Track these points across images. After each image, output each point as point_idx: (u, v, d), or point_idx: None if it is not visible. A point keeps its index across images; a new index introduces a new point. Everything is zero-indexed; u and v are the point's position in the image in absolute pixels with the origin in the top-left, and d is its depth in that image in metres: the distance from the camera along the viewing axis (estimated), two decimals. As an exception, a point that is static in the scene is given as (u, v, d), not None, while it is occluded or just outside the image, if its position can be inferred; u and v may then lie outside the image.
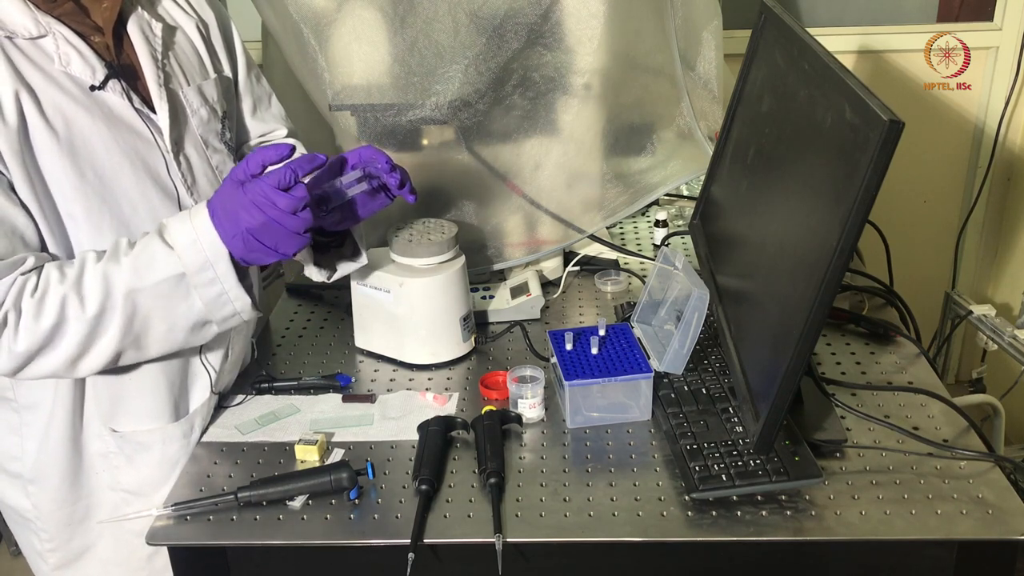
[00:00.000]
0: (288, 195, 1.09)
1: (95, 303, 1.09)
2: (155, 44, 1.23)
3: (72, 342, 1.10)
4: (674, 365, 1.32)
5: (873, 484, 1.16)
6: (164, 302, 1.12)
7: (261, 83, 1.48)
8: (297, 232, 1.11)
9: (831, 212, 1.01)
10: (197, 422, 1.31)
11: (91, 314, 1.09)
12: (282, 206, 1.09)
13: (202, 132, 1.27)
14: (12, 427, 1.25)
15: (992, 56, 2.49)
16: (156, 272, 1.11)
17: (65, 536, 1.30)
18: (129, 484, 1.28)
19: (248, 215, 1.09)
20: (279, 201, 1.09)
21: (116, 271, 1.10)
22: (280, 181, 1.09)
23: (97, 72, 1.15)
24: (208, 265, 1.12)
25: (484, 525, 1.12)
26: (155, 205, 1.20)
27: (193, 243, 1.11)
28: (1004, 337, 2.10)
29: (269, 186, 1.09)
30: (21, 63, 1.10)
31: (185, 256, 1.11)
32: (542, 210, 1.63)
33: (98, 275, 1.10)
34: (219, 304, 1.15)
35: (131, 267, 1.10)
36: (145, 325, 1.13)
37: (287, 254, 1.14)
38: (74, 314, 1.09)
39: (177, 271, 1.11)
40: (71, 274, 1.10)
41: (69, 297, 1.09)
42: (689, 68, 1.76)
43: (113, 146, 1.15)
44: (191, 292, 1.13)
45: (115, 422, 1.25)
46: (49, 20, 1.12)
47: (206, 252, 1.11)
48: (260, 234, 1.10)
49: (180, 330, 1.15)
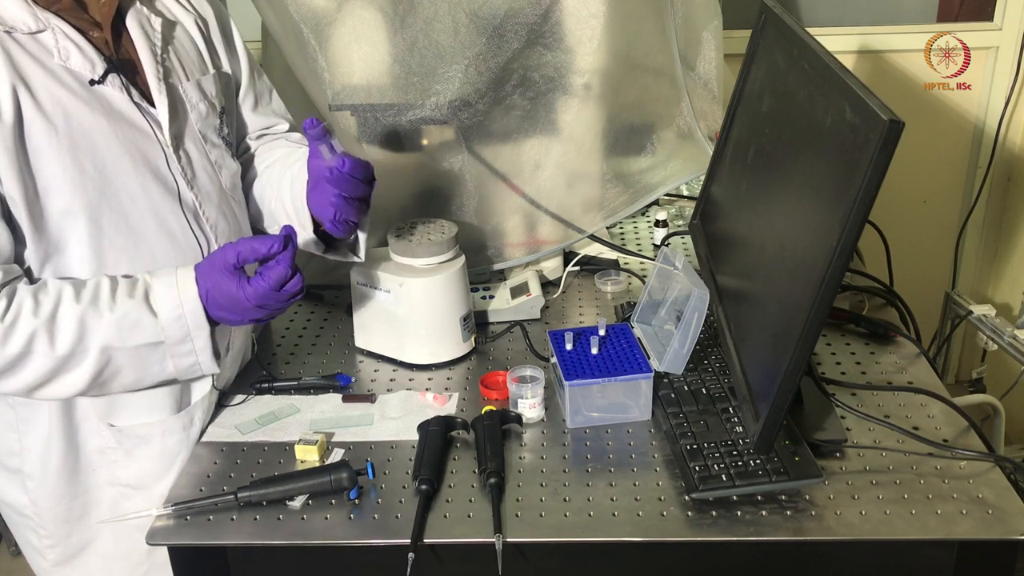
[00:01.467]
0: (286, 292, 1.15)
1: (66, 344, 1.11)
2: (154, 39, 1.23)
3: (35, 374, 1.11)
4: (674, 365, 1.32)
5: (873, 484, 1.16)
6: (139, 362, 1.15)
7: (262, 79, 1.48)
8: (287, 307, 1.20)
9: (831, 212, 1.01)
10: (197, 416, 1.32)
11: (60, 354, 1.11)
12: (284, 302, 1.17)
13: (201, 127, 1.28)
14: (10, 423, 1.25)
15: (992, 56, 2.49)
16: (137, 336, 1.13)
17: (64, 532, 1.30)
18: (128, 478, 1.28)
19: (254, 315, 1.17)
20: (281, 300, 1.17)
21: (95, 322, 1.12)
22: (281, 280, 1.14)
23: (96, 66, 1.15)
24: (188, 339, 1.16)
25: (484, 525, 1.12)
26: (155, 199, 1.20)
27: (178, 318, 1.14)
28: (1004, 337, 2.10)
29: (272, 290, 1.14)
30: (20, 58, 1.10)
31: (168, 328, 1.14)
32: (542, 210, 1.63)
33: (74, 319, 1.11)
34: (190, 371, 1.19)
35: (114, 325, 1.12)
36: (114, 375, 1.15)
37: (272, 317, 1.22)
38: (42, 349, 1.10)
39: (157, 339, 1.14)
40: (45, 307, 1.10)
41: (39, 332, 1.09)
42: (689, 68, 1.76)
43: (113, 140, 1.16)
44: (166, 358, 1.16)
45: (113, 417, 1.26)
46: (48, 15, 1.13)
47: (189, 328, 1.15)
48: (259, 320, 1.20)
49: (146, 383, 1.19)
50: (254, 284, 1.13)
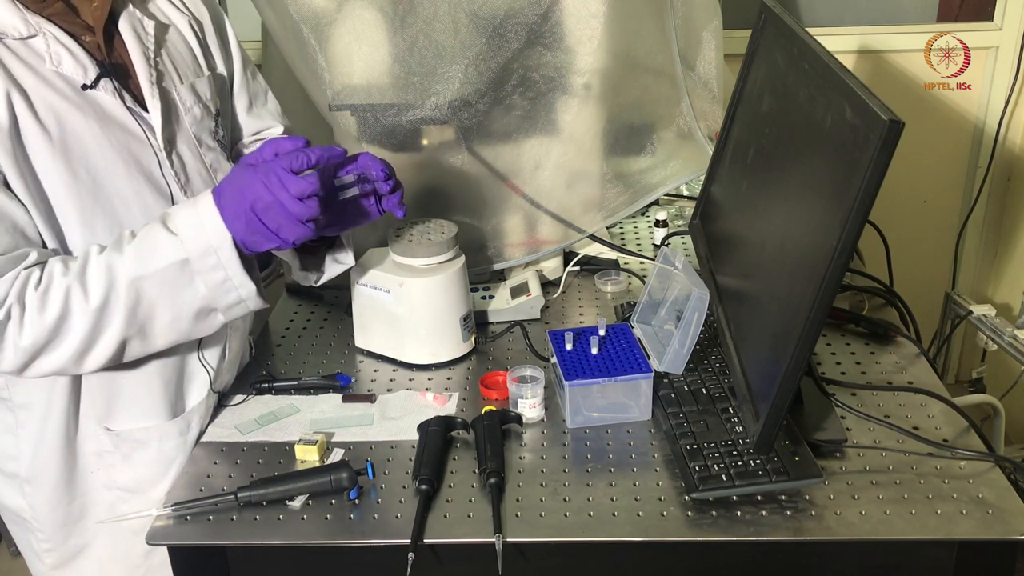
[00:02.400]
0: (299, 179, 1.09)
1: (99, 294, 1.09)
2: (147, 42, 1.23)
3: (78, 336, 1.10)
4: (674, 365, 1.32)
5: (873, 484, 1.16)
6: (168, 289, 1.12)
7: (257, 80, 1.48)
8: (300, 219, 1.11)
9: (831, 212, 1.01)
10: (194, 420, 1.31)
11: (95, 305, 1.09)
12: (291, 190, 1.09)
13: (195, 130, 1.27)
14: (8, 427, 1.25)
15: (992, 56, 2.49)
16: (159, 259, 1.10)
17: (62, 536, 1.30)
18: (125, 482, 1.28)
19: (254, 192, 1.09)
20: (289, 184, 1.09)
21: (119, 261, 1.10)
22: (293, 164, 1.09)
23: (89, 71, 1.14)
24: (211, 250, 1.11)
25: (484, 525, 1.12)
26: (148, 204, 1.20)
27: (196, 228, 1.10)
28: (1004, 337, 2.10)
29: (281, 168, 1.09)
30: (12, 63, 1.09)
31: (188, 242, 1.10)
32: (542, 210, 1.63)
33: (102, 266, 1.10)
34: (223, 291, 1.14)
35: (134, 255, 1.10)
36: (150, 314, 1.12)
37: (287, 241, 1.13)
38: (78, 306, 1.09)
39: (180, 257, 1.11)
40: (75, 267, 1.10)
41: (73, 289, 1.08)
42: (689, 68, 1.76)
43: (106, 145, 1.15)
44: (195, 278, 1.12)
45: (110, 421, 1.25)
46: (39, 20, 1.12)
47: (209, 237, 1.11)
48: (263, 214, 1.10)
49: (185, 318, 1.15)
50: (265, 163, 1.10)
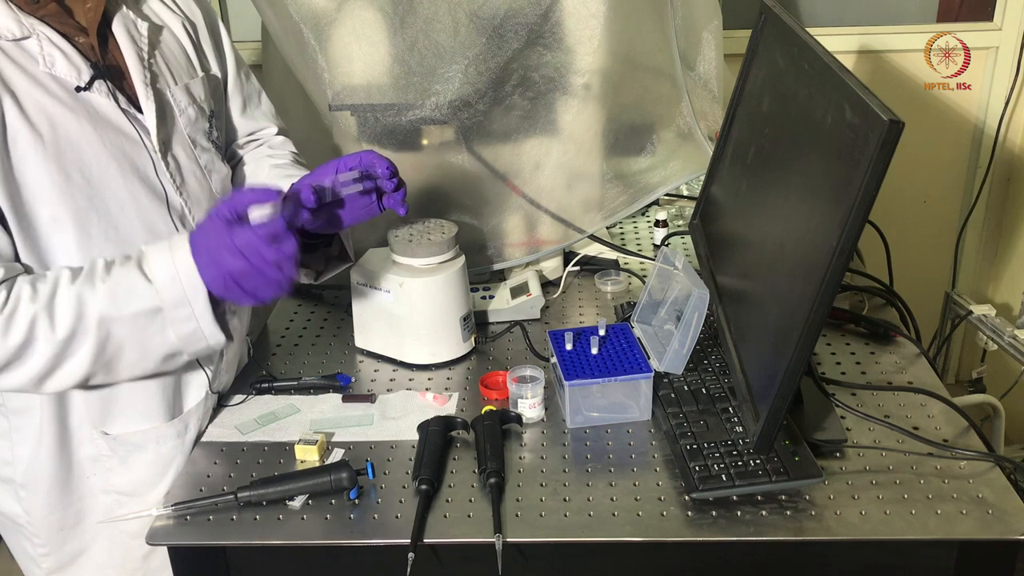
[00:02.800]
0: (277, 249, 1.08)
1: (66, 326, 1.08)
2: (141, 43, 1.22)
3: (39, 361, 1.09)
4: (674, 365, 1.32)
5: (873, 484, 1.16)
6: (138, 334, 1.11)
7: (251, 81, 1.47)
8: (279, 283, 1.11)
9: (831, 212, 1.01)
10: (192, 422, 1.31)
11: (61, 336, 1.08)
12: (269, 259, 1.08)
13: (190, 131, 1.27)
14: (2, 432, 1.24)
15: (992, 56, 2.49)
16: (133, 304, 1.10)
17: (58, 541, 1.29)
18: (122, 485, 1.27)
19: (233, 260, 1.08)
20: (267, 254, 1.08)
21: (91, 296, 1.09)
22: (271, 233, 1.08)
23: (82, 73, 1.14)
24: (185, 302, 1.11)
25: (484, 525, 1.12)
26: (143, 205, 1.20)
27: (172, 279, 1.10)
28: (1004, 337, 2.10)
29: (259, 238, 1.07)
30: (4, 65, 1.09)
31: (163, 291, 1.10)
32: (542, 210, 1.63)
33: (71, 297, 1.08)
34: (193, 340, 1.14)
35: (108, 295, 1.09)
36: (117, 352, 1.12)
37: (265, 300, 1.14)
38: (43, 335, 1.07)
39: (154, 304, 1.10)
40: (43, 292, 1.08)
41: (39, 317, 1.07)
42: (689, 68, 1.76)
43: (100, 147, 1.15)
44: (166, 327, 1.12)
45: (106, 425, 1.25)
46: (32, 21, 1.11)
47: (184, 289, 1.10)
48: (241, 280, 1.10)
49: (151, 360, 1.15)
50: (243, 228, 1.08)
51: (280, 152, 1.47)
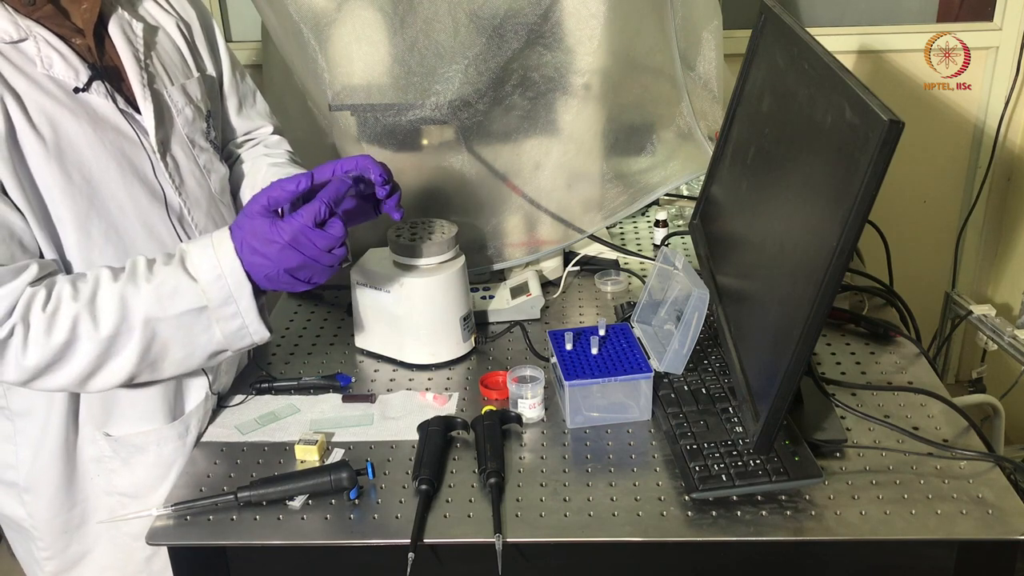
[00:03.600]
0: (327, 234, 1.10)
1: (110, 324, 1.09)
2: (137, 44, 1.22)
3: (84, 360, 1.09)
4: (674, 365, 1.32)
5: (873, 484, 1.16)
6: (184, 332, 1.12)
7: (246, 81, 1.48)
8: (332, 267, 1.13)
9: (831, 212, 1.01)
10: (193, 423, 1.31)
11: (104, 335, 1.09)
12: (322, 246, 1.10)
13: (188, 131, 1.27)
14: (6, 435, 1.24)
15: (992, 56, 2.49)
16: (179, 304, 1.10)
17: (62, 543, 1.29)
18: (125, 487, 1.27)
19: (287, 255, 1.09)
20: (319, 241, 1.09)
21: (135, 295, 1.09)
22: (317, 216, 1.09)
23: (80, 74, 1.14)
24: (231, 300, 1.12)
25: (484, 525, 1.12)
26: (143, 206, 1.20)
27: (218, 278, 1.10)
28: (1004, 337, 2.10)
29: (307, 225, 1.08)
30: (3, 68, 1.09)
31: (209, 290, 1.11)
32: (542, 210, 1.63)
33: (114, 296, 1.09)
34: (238, 337, 1.15)
35: (153, 295, 1.10)
36: (163, 352, 1.13)
37: (318, 284, 1.16)
38: (86, 333, 1.08)
39: (200, 304, 1.11)
40: (85, 291, 1.09)
41: (82, 315, 1.08)
42: (689, 68, 1.76)
43: (99, 148, 1.15)
44: (212, 325, 1.13)
45: (109, 426, 1.25)
46: (29, 23, 1.11)
47: (231, 288, 1.11)
48: (297, 272, 1.12)
49: (197, 358, 1.16)
50: (288, 218, 1.09)
51: (276, 151, 1.47)
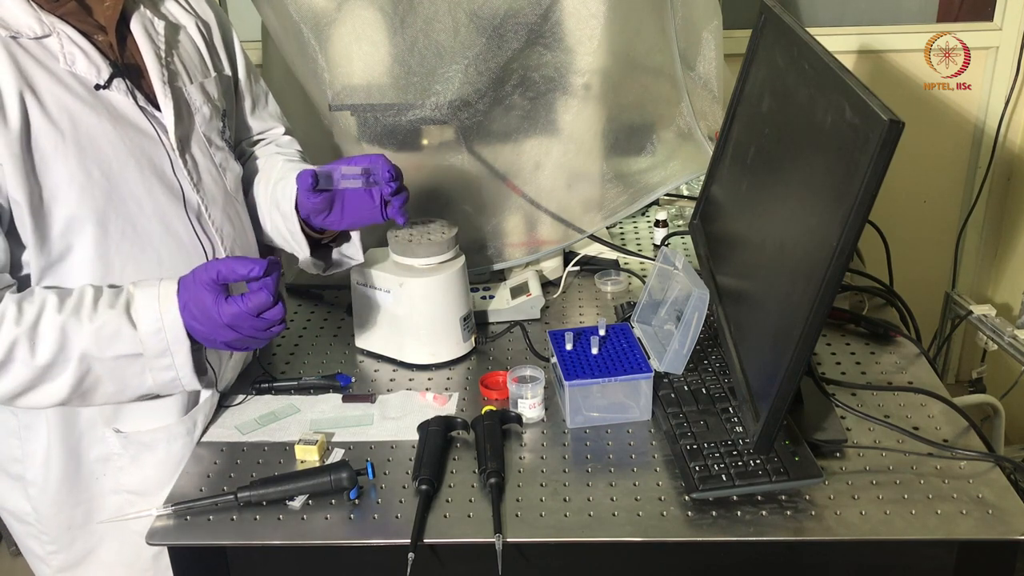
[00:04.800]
0: (264, 319, 1.12)
1: (46, 354, 1.09)
2: (158, 42, 1.23)
3: (14, 382, 1.10)
4: (674, 365, 1.32)
5: (873, 484, 1.16)
6: (119, 374, 1.13)
7: (259, 83, 1.49)
8: (269, 339, 1.16)
9: (831, 212, 1.01)
10: (200, 419, 1.32)
11: (40, 363, 1.09)
12: (258, 327, 1.12)
13: (205, 130, 1.28)
14: (13, 430, 1.24)
15: (992, 56, 2.49)
16: (116, 347, 1.11)
17: (67, 539, 1.30)
18: (133, 485, 1.28)
19: (223, 333, 1.12)
20: (257, 324, 1.12)
21: (76, 331, 1.10)
22: (259, 307, 1.11)
23: (102, 71, 1.15)
24: (167, 353, 1.13)
25: (484, 525, 1.12)
26: (161, 203, 1.20)
27: (157, 331, 1.11)
28: (1004, 337, 2.10)
29: (248, 313, 1.10)
30: (26, 63, 1.10)
31: (147, 341, 1.12)
32: (542, 210, 1.63)
33: (55, 327, 1.09)
34: (170, 386, 1.16)
35: (93, 334, 1.10)
36: (95, 385, 1.13)
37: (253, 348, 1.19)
38: (22, 358, 1.08)
39: (136, 351, 1.12)
40: (28, 317, 1.09)
41: (20, 341, 1.08)
42: (689, 68, 1.76)
43: (119, 144, 1.16)
44: (145, 372, 1.14)
45: (119, 422, 1.25)
46: (53, 20, 1.12)
47: (168, 342, 1.12)
48: (233, 344, 1.14)
49: (127, 396, 1.17)
50: (231, 302, 1.10)
51: (288, 151, 1.48)
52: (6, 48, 1.08)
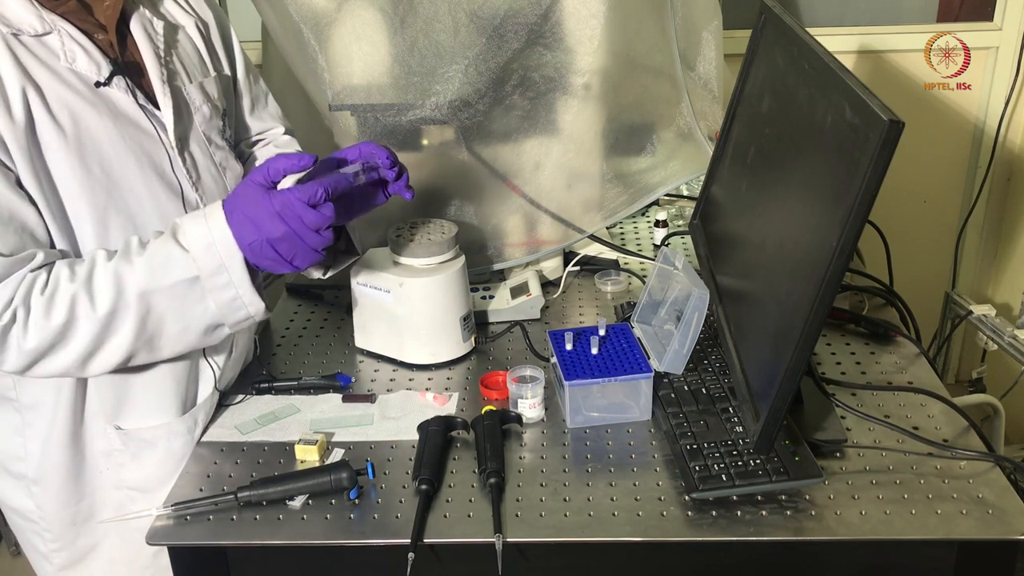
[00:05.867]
0: (317, 212, 1.10)
1: (106, 302, 1.09)
2: (158, 42, 1.24)
3: (83, 341, 1.10)
4: (674, 365, 1.32)
5: (873, 484, 1.16)
6: (178, 304, 1.12)
7: (259, 83, 1.49)
8: (316, 249, 1.13)
9: (831, 212, 1.01)
10: (201, 417, 1.32)
11: (102, 313, 1.09)
12: (308, 223, 1.10)
13: (204, 129, 1.28)
14: (15, 428, 1.25)
15: (992, 56, 2.49)
16: (171, 274, 1.11)
17: (70, 536, 1.30)
18: (134, 481, 1.28)
19: (272, 225, 1.10)
20: (307, 217, 1.10)
21: (129, 271, 1.10)
22: (311, 197, 1.10)
23: (102, 69, 1.15)
24: (223, 269, 1.12)
25: (484, 525, 1.12)
26: (161, 201, 1.21)
27: (208, 247, 1.11)
28: (1004, 337, 2.10)
29: (299, 200, 1.09)
30: (27, 60, 1.10)
31: (200, 259, 1.11)
32: (542, 210, 1.63)
33: (109, 274, 1.10)
34: (233, 308, 1.15)
35: (145, 268, 1.10)
36: (159, 326, 1.13)
37: (300, 267, 1.15)
38: (84, 313, 1.09)
39: (192, 274, 1.11)
40: (81, 272, 1.10)
41: (79, 296, 1.09)
42: (689, 68, 1.76)
43: (119, 142, 1.16)
44: (206, 295, 1.13)
45: (120, 419, 1.26)
46: (54, 18, 1.13)
47: (221, 256, 1.11)
48: (279, 244, 1.11)
49: (193, 332, 1.16)
50: (282, 192, 1.10)
51: (288, 151, 1.48)
52: (8, 45, 1.09)
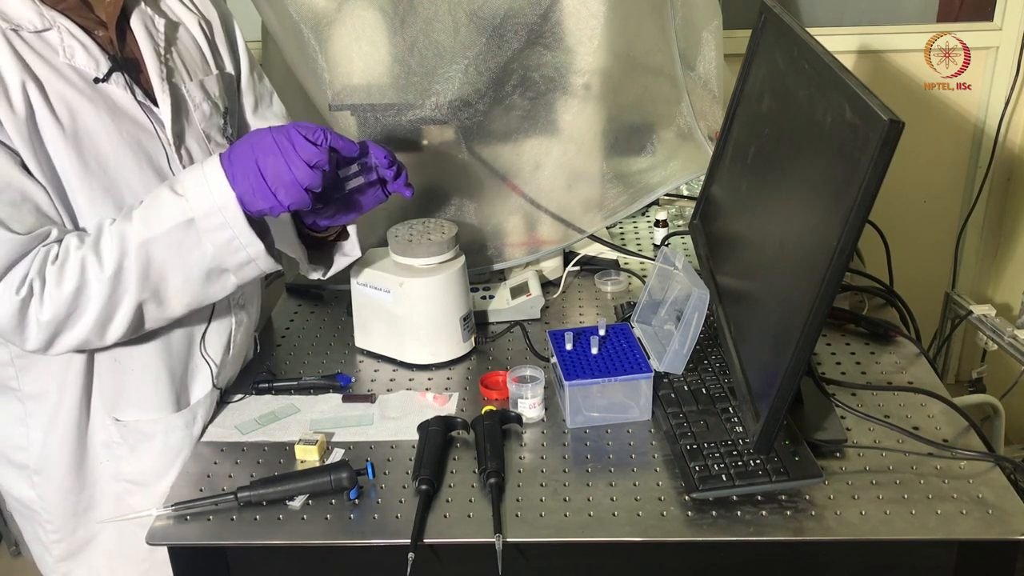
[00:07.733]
0: (309, 145, 1.11)
1: (113, 261, 1.10)
2: (157, 39, 1.24)
3: (96, 305, 1.11)
4: (674, 365, 1.32)
5: (873, 484, 1.16)
6: (176, 250, 1.12)
7: (263, 82, 1.49)
8: (301, 184, 1.11)
9: (831, 212, 1.01)
10: (200, 414, 1.32)
11: (110, 272, 1.10)
12: (299, 151, 1.10)
13: (204, 126, 1.28)
14: (17, 417, 1.25)
15: (992, 56, 2.49)
16: (165, 220, 1.11)
17: (70, 527, 1.31)
18: (131, 474, 1.28)
19: (264, 144, 1.11)
20: (298, 145, 1.10)
21: (128, 227, 1.12)
22: (309, 133, 1.11)
23: (101, 65, 1.16)
24: (216, 209, 1.11)
25: (484, 525, 1.12)
26: None
27: (200, 186, 1.11)
28: (1004, 337, 2.10)
29: (296, 130, 1.11)
30: (27, 55, 1.11)
31: (193, 201, 1.11)
32: (542, 210, 1.63)
33: (114, 234, 1.11)
34: (231, 250, 1.14)
35: (141, 218, 1.12)
36: (161, 275, 1.13)
37: (283, 203, 1.12)
38: (94, 275, 1.10)
39: (185, 217, 1.11)
40: (89, 238, 1.12)
41: (88, 258, 1.10)
42: (689, 68, 1.76)
43: (116, 137, 1.17)
44: (202, 237, 1.13)
45: (118, 411, 1.26)
46: (53, 14, 1.14)
47: (214, 197, 1.11)
48: (265, 165, 1.10)
49: (196, 280, 1.15)
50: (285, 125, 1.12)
51: None
52: (7, 40, 1.10)
